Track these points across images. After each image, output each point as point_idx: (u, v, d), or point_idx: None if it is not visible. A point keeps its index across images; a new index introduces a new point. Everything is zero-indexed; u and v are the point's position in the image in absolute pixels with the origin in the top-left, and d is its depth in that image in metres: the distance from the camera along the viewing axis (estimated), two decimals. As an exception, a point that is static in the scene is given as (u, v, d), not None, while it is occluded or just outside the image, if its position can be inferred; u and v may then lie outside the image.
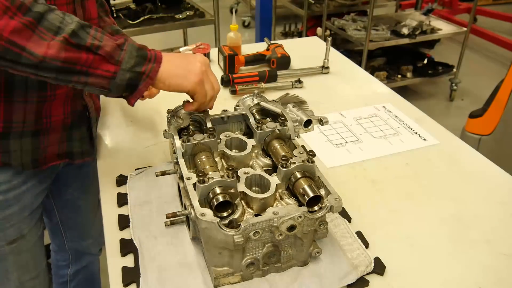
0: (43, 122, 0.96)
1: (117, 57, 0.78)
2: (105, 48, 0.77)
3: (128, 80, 0.81)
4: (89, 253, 1.47)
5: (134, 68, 0.80)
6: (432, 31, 3.46)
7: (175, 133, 0.91)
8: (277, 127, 0.94)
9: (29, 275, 1.13)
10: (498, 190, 1.09)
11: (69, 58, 0.75)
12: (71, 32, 0.74)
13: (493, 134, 2.21)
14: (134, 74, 0.80)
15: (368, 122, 1.36)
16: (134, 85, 0.82)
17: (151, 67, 0.82)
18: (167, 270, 0.83)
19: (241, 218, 0.79)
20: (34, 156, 0.99)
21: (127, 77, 0.80)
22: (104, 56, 0.77)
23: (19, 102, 0.91)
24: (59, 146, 1.04)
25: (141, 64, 0.81)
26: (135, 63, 0.80)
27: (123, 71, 0.79)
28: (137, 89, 0.83)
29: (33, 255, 1.12)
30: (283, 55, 1.68)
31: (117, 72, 0.79)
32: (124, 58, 0.79)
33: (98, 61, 0.77)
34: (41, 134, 0.98)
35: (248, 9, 5.26)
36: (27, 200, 1.04)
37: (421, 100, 3.73)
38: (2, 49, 0.71)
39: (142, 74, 0.81)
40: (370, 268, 0.84)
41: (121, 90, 0.82)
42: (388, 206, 1.03)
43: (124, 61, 0.79)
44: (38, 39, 0.72)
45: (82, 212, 1.36)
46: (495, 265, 0.88)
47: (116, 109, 1.40)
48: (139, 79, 0.82)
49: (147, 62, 0.81)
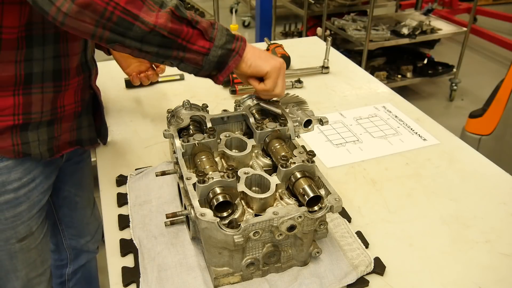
0: (58, 111, 0.99)
1: (211, 34, 0.84)
2: (202, 24, 0.83)
3: (219, 57, 0.86)
4: (87, 251, 1.48)
5: (225, 45, 0.86)
6: (432, 31, 3.46)
7: (175, 133, 0.91)
8: (277, 127, 0.94)
9: (36, 272, 1.15)
10: (498, 190, 1.09)
11: (174, 30, 0.80)
12: (175, 6, 0.80)
13: (493, 134, 2.21)
14: (225, 51, 0.86)
15: (368, 122, 1.36)
16: (224, 62, 0.88)
17: (240, 45, 0.88)
18: (167, 270, 0.83)
19: (241, 218, 0.79)
20: (50, 145, 1.01)
21: (219, 53, 0.86)
22: (201, 31, 0.83)
23: (37, 94, 0.93)
24: (70, 134, 1.07)
25: (231, 42, 0.87)
26: (226, 41, 0.86)
27: (216, 47, 0.85)
28: (226, 66, 0.88)
29: (40, 252, 1.14)
30: (283, 55, 1.68)
31: (211, 48, 0.85)
32: (217, 35, 0.85)
33: (196, 35, 0.83)
34: (55, 123, 1.00)
35: (248, 9, 5.26)
36: (35, 197, 1.05)
37: (421, 100, 3.73)
38: (117, 19, 0.75)
39: (232, 51, 0.87)
40: (370, 268, 0.84)
41: (212, 67, 0.87)
42: (388, 206, 1.03)
43: (217, 38, 0.85)
44: (148, 10, 0.77)
45: (79, 208, 1.37)
46: (495, 265, 0.88)
47: (116, 109, 1.41)
48: (229, 56, 0.88)
49: (235, 40, 0.88)
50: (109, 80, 1.57)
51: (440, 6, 4.74)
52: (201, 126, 0.98)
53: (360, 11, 3.79)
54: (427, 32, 3.44)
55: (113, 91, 1.50)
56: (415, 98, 3.72)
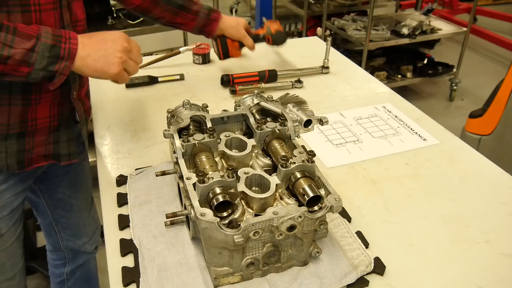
0: (28, 125, 0.97)
1: (29, 59, 0.82)
2: (15, 57, 0.81)
3: (42, 77, 0.86)
4: (85, 252, 1.47)
5: (47, 67, 0.84)
6: (432, 31, 3.46)
7: (175, 133, 0.91)
8: (277, 127, 0.94)
9: (5, 276, 1.12)
10: (498, 190, 1.09)
11: None
12: None
13: (493, 134, 2.21)
14: (47, 72, 0.85)
15: (368, 122, 1.36)
16: (49, 78, 0.87)
17: (64, 65, 0.86)
18: (167, 270, 0.83)
19: (241, 218, 0.79)
20: (19, 158, 0.99)
21: (41, 75, 0.85)
22: (15, 64, 0.81)
23: (4, 105, 0.93)
24: (46, 148, 1.04)
25: (54, 63, 0.85)
26: (47, 63, 0.84)
27: (37, 70, 0.84)
28: (52, 82, 0.88)
29: (10, 255, 1.11)
30: (277, 31, 1.59)
31: (31, 72, 0.84)
32: (37, 59, 0.83)
33: (9, 69, 0.82)
34: (26, 136, 0.98)
35: (248, 9, 5.26)
36: (6, 199, 1.03)
37: (421, 100, 3.73)
38: None
39: (55, 72, 0.86)
40: (370, 268, 0.84)
41: (39, 80, 0.87)
42: (388, 206, 1.03)
43: (37, 62, 0.83)
44: None
45: (75, 210, 1.35)
46: (495, 265, 0.88)
47: (116, 109, 1.41)
48: (54, 76, 0.87)
49: (59, 60, 0.85)
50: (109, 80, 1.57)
51: (440, 6, 4.74)
52: (201, 126, 0.98)
53: (360, 11, 3.79)
54: (427, 32, 3.44)
55: (113, 91, 1.50)
56: (415, 98, 3.72)
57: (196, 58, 1.72)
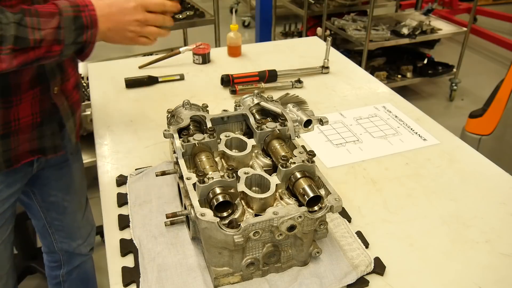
0: (12, 125, 0.97)
1: (59, 37, 0.84)
2: (47, 38, 0.83)
3: (74, 50, 0.89)
4: (80, 254, 1.45)
5: (76, 39, 0.87)
6: (432, 31, 3.46)
7: (175, 133, 0.91)
8: (277, 127, 0.94)
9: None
10: (498, 190, 1.09)
11: (21, 62, 0.82)
12: (14, 39, 0.79)
13: (493, 134, 2.21)
14: (77, 45, 0.88)
15: (368, 122, 1.36)
16: (80, 51, 0.91)
17: (90, 33, 0.89)
18: (167, 270, 0.83)
19: (241, 218, 0.79)
20: (6, 157, 0.99)
21: (72, 49, 0.88)
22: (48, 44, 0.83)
23: None
24: (30, 144, 1.04)
25: (81, 34, 0.88)
26: (76, 35, 0.87)
27: (67, 45, 0.86)
28: (83, 53, 0.92)
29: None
30: None
31: (63, 49, 0.86)
32: (65, 35, 0.85)
33: (44, 50, 0.84)
34: (11, 136, 0.98)
35: (248, 9, 5.26)
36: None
37: (421, 100, 3.73)
38: None
39: (85, 42, 0.89)
40: (370, 268, 0.84)
41: (71, 55, 0.90)
42: (388, 206, 1.03)
43: (66, 38, 0.85)
44: None
45: (69, 213, 1.34)
46: (495, 265, 0.88)
47: (116, 109, 1.41)
48: (84, 47, 0.90)
49: (85, 30, 0.88)
50: (109, 80, 1.57)
51: (440, 6, 4.75)
52: (201, 126, 0.98)
53: (360, 11, 3.79)
54: (427, 32, 3.44)
55: (113, 91, 1.50)
56: (415, 98, 3.72)
57: (196, 58, 1.72)
